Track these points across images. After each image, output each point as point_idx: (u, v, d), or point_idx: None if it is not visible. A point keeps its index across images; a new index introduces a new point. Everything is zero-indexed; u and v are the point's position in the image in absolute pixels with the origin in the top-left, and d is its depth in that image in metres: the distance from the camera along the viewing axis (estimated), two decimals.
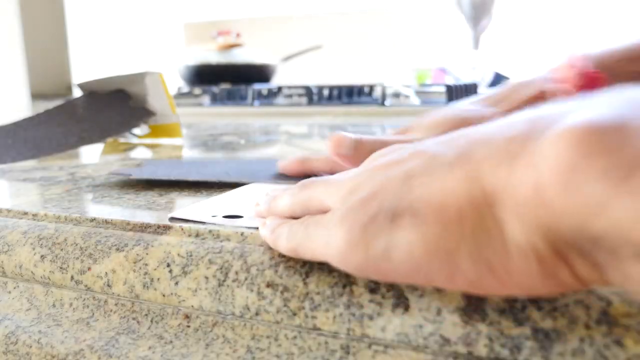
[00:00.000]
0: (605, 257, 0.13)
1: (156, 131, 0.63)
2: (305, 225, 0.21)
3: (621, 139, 0.12)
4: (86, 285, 0.26)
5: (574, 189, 0.13)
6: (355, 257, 0.18)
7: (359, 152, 0.32)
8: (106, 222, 0.28)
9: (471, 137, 0.17)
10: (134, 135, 0.64)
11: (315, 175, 0.35)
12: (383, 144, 0.32)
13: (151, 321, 0.24)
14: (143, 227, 0.27)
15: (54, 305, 0.27)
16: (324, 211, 0.21)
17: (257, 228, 0.25)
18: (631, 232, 0.12)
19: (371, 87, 1.09)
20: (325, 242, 0.19)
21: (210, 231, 0.25)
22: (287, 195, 0.24)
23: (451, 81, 1.17)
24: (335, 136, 0.33)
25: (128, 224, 0.27)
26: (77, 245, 0.27)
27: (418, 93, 1.05)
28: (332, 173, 0.34)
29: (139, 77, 0.60)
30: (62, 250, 0.27)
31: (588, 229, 0.13)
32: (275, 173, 0.38)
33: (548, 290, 0.15)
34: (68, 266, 0.26)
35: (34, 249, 0.28)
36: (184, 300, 0.24)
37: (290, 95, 1.15)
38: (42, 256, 0.27)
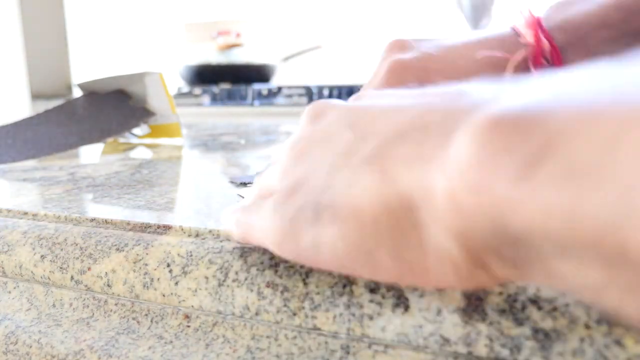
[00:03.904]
0: (523, 257, 0.13)
1: (156, 131, 0.63)
2: (247, 212, 0.21)
3: (523, 131, 0.12)
4: (86, 285, 0.26)
5: (483, 192, 0.12)
6: (288, 248, 0.18)
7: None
8: (106, 222, 0.28)
9: (389, 125, 0.16)
10: (134, 135, 0.64)
11: None
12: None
13: (151, 321, 0.24)
14: (143, 227, 0.27)
15: (54, 305, 0.27)
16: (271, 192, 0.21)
17: None
18: (546, 231, 0.11)
19: None
20: (263, 231, 0.19)
21: (210, 231, 0.25)
22: (256, 182, 0.24)
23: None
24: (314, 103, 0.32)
25: (128, 224, 0.27)
26: (77, 245, 0.27)
27: None
28: None
29: (139, 77, 0.60)
30: (62, 250, 0.27)
31: (502, 232, 0.12)
32: None
33: (468, 288, 0.16)
34: (68, 266, 0.26)
35: (34, 249, 0.28)
36: (184, 300, 0.24)
37: (290, 95, 1.15)
38: (42, 256, 0.27)
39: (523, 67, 0.32)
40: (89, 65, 1.49)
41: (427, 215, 0.14)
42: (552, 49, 0.32)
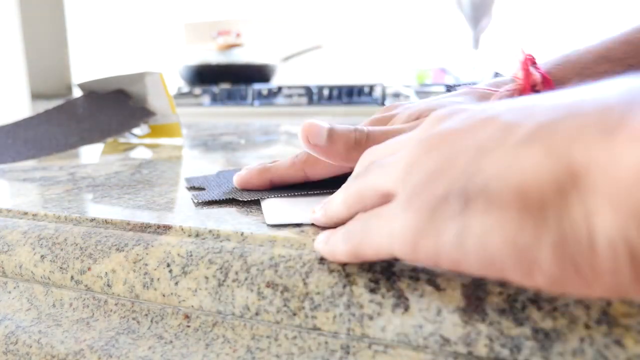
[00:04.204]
0: None
1: (156, 131, 0.63)
2: (363, 221, 0.19)
3: None
4: (86, 285, 0.26)
5: None
6: (425, 244, 0.16)
7: (335, 141, 0.28)
8: (106, 222, 0.28)
9: (553, 104, 0.15)
10: (134, 135, 0.64)
11: (282, 186, 0.31)
12: (363, 134, 0.29)
13: (151, 321, 0.24)
14: (143, 227, 0.27)
15: (54, 305, 0.27)
16: (382, 199, 0.19)
17: None
18: None
19: (371, 87, 1.09)
20: (389, 234, 0.17)
21: (210, 231, 0.25)
22: (340, 191, 0.22)
23: (451, 81, 1.17)
24: (307, 125, 0.29)
25: (128, 224, 0.27)
26: (77, 245, 0.27)
27: (418, 93, 1.06)
28: (298, 176, 0.31)
29: (139, 77, 0.60)
30: (62, 250, 0.27)
31: None
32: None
33: (639, 292, 0.13)
34: (68, 266, 0.26)
35: (34, 249, 0.28)
36: (184, 300, 0.24)
37: (290, 95, 1.15)
38: (42, 256, 0.27)
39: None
40: (89, 65, 1.49)
41: (602, 196, 0.12)
42: (544, 82, 0.32)
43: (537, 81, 0.32)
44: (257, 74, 1.30)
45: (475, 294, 0.19)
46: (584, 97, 0.14)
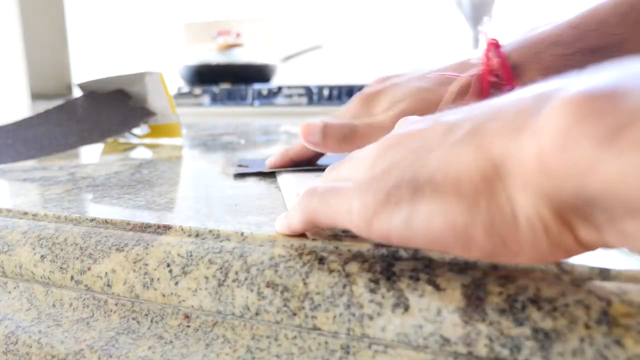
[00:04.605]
0: (602, 218, 0.14)
1: (156, 131, 0.63)
2: (319, 194, 0.21)
3: (611, 102, 0.13)
4: (86, 285, 0.26)
5: (568, 151, 0.14)
6: (379, 224, 0.18)
7: (328, 137, 0.35)
8: (106, 222, 0.28)
9: (485, 110, 0.18)
10: (134, 135, 0.64)
11: (299, 164, 0.40)
12: (351, 129, 0.36)
13: (151, 321, 0.24)
14: (143, 227, 0.27)
15: (54, 305, 0.27)
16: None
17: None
18: (620, 191, 0.13)
19: None
20: (347, 209, 0.19)
21: (210, 231, 0.25)
22: (319, 180, 0.25)
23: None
24: (305, 125, 0.36)
25: (128, 224, 0.27)
26: (77, 245, 0.27)
27: None
28: (310, 157, 0.40)
29: (139, 77, 0.60)
30: (62, 250, 0.27)
31: (583, 191, 0.14)
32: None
33: (556, 258, 0.16)
34: (68, 266, 0.26)
35: (34, 249, 0.28)
36: (184, 300, 0.24)
37: (290, 95, 1.15)
38: (42, 256, 0.27)
39: (473, 84, 0.36)
40: (89, 65, 1.49)
41: (518, 180, 0.15)
42: (502, 66, 0.35)
43: (494, 66, 0.35)
44: (257, 74, 1.30)
45: (475, 294, 0.19)
46: (509, 101, 0.17)
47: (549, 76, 0.16)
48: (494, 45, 0.36)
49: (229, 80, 1.27)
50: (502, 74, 0.35)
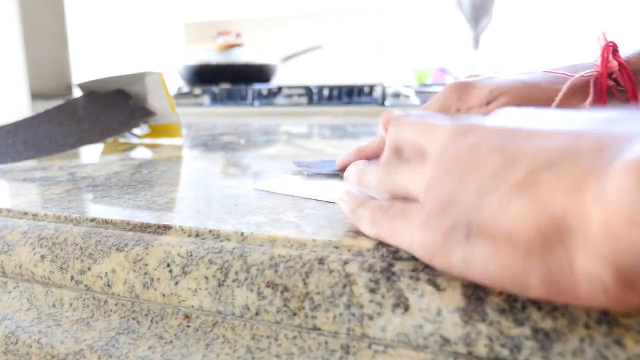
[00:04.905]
0: None
1: (156, 131, 0.63)
2: (389, 216, 0.22)
3: None
4: (86, 285, 0.26)
5: (638, 222, 0.13)
6: (439, 260, 0.19)
7: None
8: (106, 222, 0.28)
9: (539, 151, 0.17)
10: (134, 135, 0.64)
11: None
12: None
13: (151, 321, 0.24)
14: (143, 227, 0.27)
15: (54, 305, 0.27)
16: (409, 197, 0.22)
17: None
18: None
19: (371, 87, 1.09)
20: (410, 240, 0.20)
21: (210, 231, 0.25)
22: (373, 175, 0.24)
23: (451, 81, 1.17)
24: (386, 115, 0.33)
25: (128, 224, 0.27)
26: (77, 245, 0.27)
27: (418, 93, 1.05)
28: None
29: (139, 77, 0.60)
30: (62, 250, 0.27)
31: None
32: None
33: (617, 308, 0.16)
34: (68, 266, 0.26)
35: (34, 249, 0.28)
36: (184, 300, 0.24)
37: (290, 95, 1.15)
38: (42, 256, 0.27)
39: (591, 86, 0.33)
40: (89, 65, 1.49)
41: (580, 241, 0.15)
42: (623, 71, 0.33)
43: (614, 69, 0.33)
44: (257, 74, 1.30)
45: (475, 294, 0.19)
46: (563, 146, 0.16)
47: None
48: (613, 48, 0.34)
49: (229, 80, 1.27)
50: (621, 78, 0.33)
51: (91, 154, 0.56)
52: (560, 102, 0.32)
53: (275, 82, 1.37)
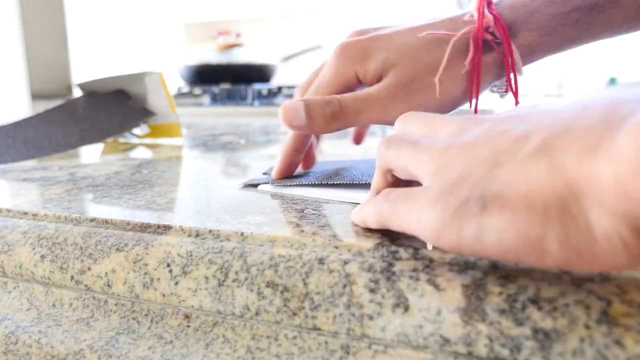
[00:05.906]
0: None
1: (156, 131, 0.63)
2: (392, 200, 0.22)
3: None
4: (86, 285, 0.26)
5: None
6: (448, 238, 0.18)
7: (313, 117, 0.32)
8: (106, 222, 0.28)
9: (551, 121, 0.18)
10: (134, 135, 0.64)
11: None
12: (340, 106, 0.32)
13: (151, 321, 0.24)
14: (143, 227, 0.27)
15: (54, 305, 0.27)
16: (410, 177, 0.22)
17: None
18: None
19: None
20: (417, 220, 0.20)
21: (210, 231, 0.25)
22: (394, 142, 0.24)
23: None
24: (284, 106, 0.32)
25: (128, 224, 0.27)
26: (77, 245, 0.27)
27: None
28: (304, 149, 0.36)
29: (139, 77, 0.60)
30: (62, 250, 0.27)
31: None
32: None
33: (635, 266, 0.16)
34: (68, 266, 0.26)
35: (34, 249, 0.28)
36: (184, 300, 0.24)
37: (290, 95, 1.15)
38: (42, 256, 0.27)
39: (467, 43, 0.34)
40: (89, 65, 1.49)
41: (594, 200, 0.15)
42: (497, 24, 0.33)
43: (490, 23, 0.34)
44: (257, 74, 1.30)
45: (475, 294, 0.19)
46: (575, 114, 0.17)
47: (544, 37, 0.15)
48: (487, 1, 0.34)
49: (229, 80, 1.27)
50: (497, 31, 0.34)
51: (91, 154, 0.56)
52: (447, 62, 0.33)
53: (275, 82, 1.37)
